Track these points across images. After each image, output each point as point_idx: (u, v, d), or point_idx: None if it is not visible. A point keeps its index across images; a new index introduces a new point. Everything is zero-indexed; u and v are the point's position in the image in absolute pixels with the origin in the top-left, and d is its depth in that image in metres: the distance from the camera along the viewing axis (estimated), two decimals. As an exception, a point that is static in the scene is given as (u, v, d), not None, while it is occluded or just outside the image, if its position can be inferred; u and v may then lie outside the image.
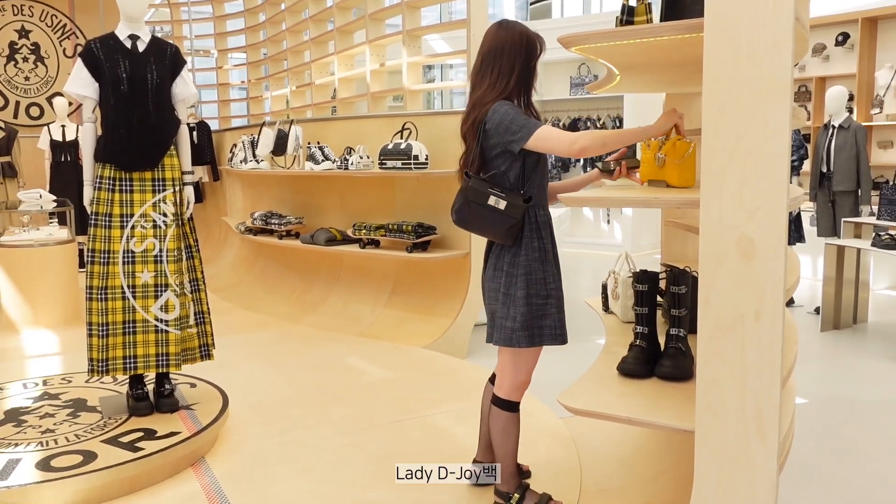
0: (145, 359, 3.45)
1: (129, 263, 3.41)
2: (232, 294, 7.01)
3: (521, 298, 2.43)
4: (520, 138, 2.37)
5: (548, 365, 4.82)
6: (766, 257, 1.77)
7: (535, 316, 2.44)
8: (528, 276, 2.44)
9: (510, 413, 2.58)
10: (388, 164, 5.27)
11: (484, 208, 2.40)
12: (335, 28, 6.93)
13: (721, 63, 1.78)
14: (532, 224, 2.46)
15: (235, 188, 8.21)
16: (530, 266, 2.44)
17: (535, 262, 2.45)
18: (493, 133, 2.43)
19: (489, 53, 2.52)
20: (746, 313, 1.80)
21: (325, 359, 4.88)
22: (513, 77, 2.47)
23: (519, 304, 2.43)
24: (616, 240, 9.88)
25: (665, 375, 2.33)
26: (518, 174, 2.46)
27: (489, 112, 2.44)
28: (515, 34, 2.49)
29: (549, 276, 2.49)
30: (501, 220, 2.40)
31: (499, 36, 2.50)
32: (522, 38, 2.48)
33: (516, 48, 2.47)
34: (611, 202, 2.23)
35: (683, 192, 2.12)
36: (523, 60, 2.48)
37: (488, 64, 2.51)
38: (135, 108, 3.40)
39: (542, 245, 2.47)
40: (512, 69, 2.47)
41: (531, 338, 2.45)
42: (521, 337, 2.44)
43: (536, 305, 2.44)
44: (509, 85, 2.47)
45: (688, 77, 2.69)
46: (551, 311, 2.47)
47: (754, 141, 1.76)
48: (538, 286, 2.45)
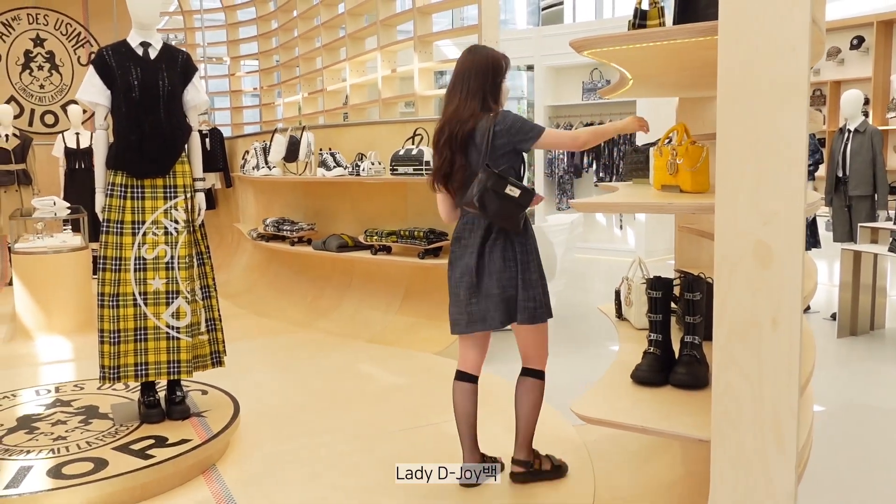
0: (156, 366, 3.44)
1: (140, 270, 3.41)
2: (244, 300, 7.01)
3: (537, 280, 2.82)
4: (531, 138, 2.78)
5: (560, 370, 4.78)
6: (783, 263, 1.73)
7: (545, 293, 2.86)
8: (537, 260, 2.85)
9: (542, 381, 2.96)
10: (400, 171, 5.26)
11: (500, 196, 2.69)
12: (347, 34, 6.94)
13: (736, 66, 1.75)
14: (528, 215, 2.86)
15: (248, 195, 8.23)
16: (536, 251, 2.86)
17: (536, 247, 2.87)
18: (503, 134, 2.77)
19: (459, 75, 2.86)
20: (763, 320, 1.76)
21: (336, 365, 4.87)
22: (485, 93, 2.82)
23: (537, 285, 2.81)
24: (629, 245, 9.83)
25: (680, 383, 2.30)
26: (517, 172, 2.83)
27: (499, 118, 2.78)
28: (480, 58, 2.85)
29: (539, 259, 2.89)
30: (515, 208, 2.72)
31: (466, 60, 2.86)
32: (488, 61, 2.84)
33: (483, 69, 2.82)
34: (623, 208, 2.21)
35: (697, 198, 2.09)
36: (491, 80, 2.83)
37: (457, 84, 2.86)
38: (146, 115, 3.40)
39: (531, 231, 2.88)
40: (480, 87, 2.81)
41: (548, 311, 2.88)
42: (543, 313, 2.85)
43: (544, 285, 2.86)
44: (485, 101, 2.82)
45: (701, 81, 2.66)
46: (547, 289, 2.89)
47: (770, 145, 1.73)
48: (541, 268, 2.87)
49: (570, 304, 6.78)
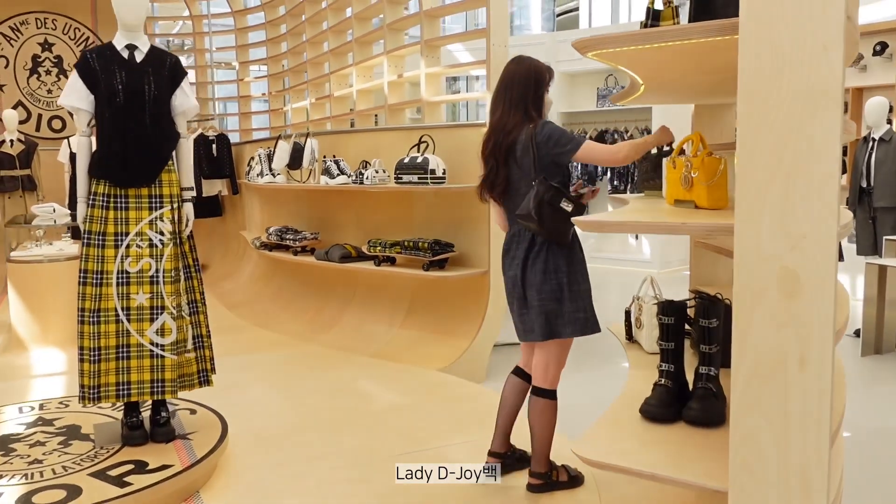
0: (139, 385, 3.26)
1: (123, 284, 3.24)
2: (247, 311, 6.84)
3: (585, 291, 2.81)
4: (569, 150, 2.73)
5: (569, 390, 4.56)
6: (813, 294, 1.52)
7: (580, 309, 2.79)
8: (571, 276, 2.78)
9: (553, 401, 2.88)
10: (404, 179, 5.07)
11: (555, 210, 2.69)
12: (354, 39, 6.76)
13: (759, 69, 1.54)
14: None
15: (254, 202, 8.07)
16: (575, 267, 2.80)
17: (580, 262, 2.84)
18: (542, 146, 2.76)
19: (502, 85, 2.89)
20: (789, 358, 1.55)
21: (335, 382, 4.67)
22: (527, 104, 2.82)
23: (585, 296, 2.80)
24: (645, 256, 9.58)
25: (693, 420, 2.08)
26: (562, 183, 2.79)
27: (538, 129, 2.77)
28: (523, 69, 2.87)
29: (584, 274, 2.85)
30: (566, 221, 2.70)
31: (510, 70, 2.90)
32: (531, 71, 2.86)
33: (525, 80, 2.85)
34: (630, 227, 2.00)
35: (714, 217, 1.87)
36: (534, 91, 2.84)
37: (502, 94, 2.88)
38: (131, 122, 3.23)
39: (580, 247, 2.85)
40: (523, 98, 2.83)
41: (583, 328, 2.79)
42: (593, 324, 2.81)
43: (581, 299, 2.80)
44: (527, 111, 2.82)
45: (719, 87, 2.44)
46: (588, 305, 2.83)
47: (799, 158, 1.51)
48: (577, 284, 2.80)
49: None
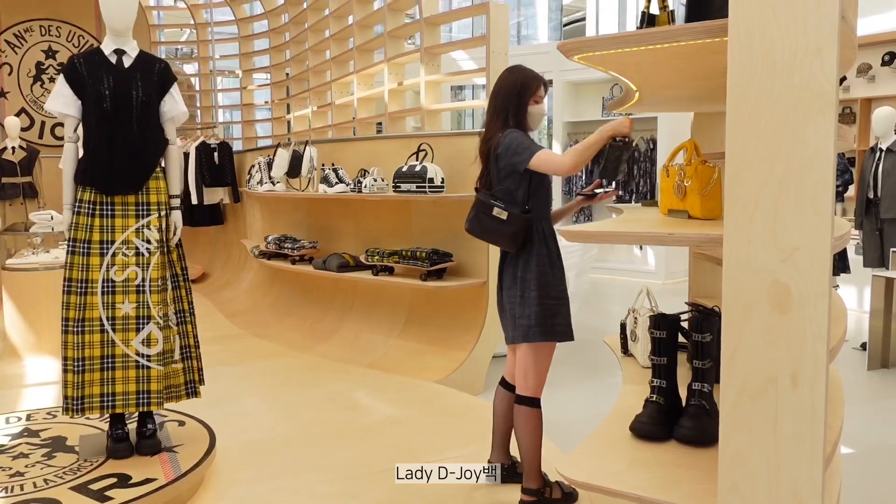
0: (124, 397, 3.19)
1: (108, 294, 3.17)
2: (245, 320, 6.77)
3: (534, 299, 2.76)
4: (524, 159, 2.74)
5: (566, 404, 4.48)
6: (806, 309, 1.44)
7: (548, 315, 2.76)
8: (540, 280, 2.76)
9: (534, 409, 2.85)
10: (403, 187, 5.00)
11: (490, 218, 2.79)
12: (355, 47, 6.72)
13: (749, 72, 1.47)
14: (540, 235, 2.80)
15: (255, 210, 8.02)
16: (541, 270, 2.77)
17: (545, 266, 2.78)
18: (503, 156, 2.80)
19: (492, 93, 2.94)
20: (780, 377, 1.47)
21: (330, 393, 4.59)
22: (508, 113, 2.85)
23: (533, 304, 2.75)
24: (650, 266, 9.49)
25: (685, 439, 2.00)
26: (525, 192, 2.81)
27: (500, 138, 2.81)
28: (512, 77, 2.89)
29: (557, 279, 2.80)
30: (504, 229, 2.77)
31: (501, 78, 2.92)
32: (517, 82, 2.87)
33: (510, 89, 2.86)
34: (616, 237, 1.92)
35: (705, 226, 1.80)
36: (516, 100, 2.85)
37: (490, 101, 2.95)
38: (118, 128, 3.17)
39: (549, 252, 2.80)
40: (505, 106, 2.86)
41: (545, 333, 2.76)
42: (535, 332, 2.76)
43: (548, 305, 2.76)
44: (507, 120, 2.85)
45: (714, 93, 2.37)
46: (562, 311, 2.80)
47: (791, 166, 1.44)
48: (549, 288, 2.77)
49: (583, 329, 6.47)
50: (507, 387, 3.10)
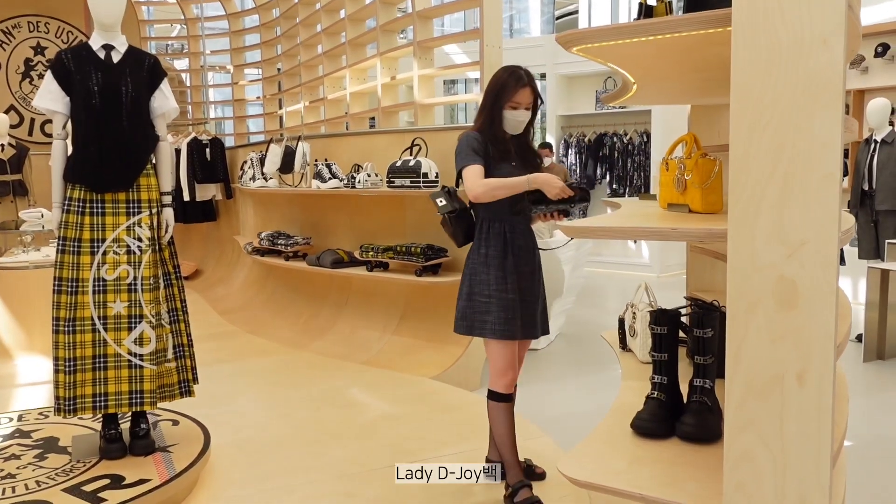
0: (117, 396, 3.15)
1: (100, 293, 3.13)
2: (239, 317, 6.73)
3: (464, 294, 2.85)
4: (457, 164, 2.80)
5: (564, 399, 4.45)
6: (812, 305, 1.41)
7: (477, 311, 2.80)
8: (472, 277, 2.83)
9: (497, 403, 2.88)
10: (397, 183, 4.96)
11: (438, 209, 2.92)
12: (347, 41, 6.66)
13: (753, 63, 1.43)
14: (482, 234, 2.84)
15: (247, 206, 7.97)
16: (474, 268, 2.83)
17: (479, 265, 2.82)
18: (455, 156, 2.83)
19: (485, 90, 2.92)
20: (787, 374, 1.44)
21: (326, 391, 4.56)
22: (484, 113, 2.84)
23: (462, 298, 2.85)
24: (644, 259, 9.47)
25: (687, 436, 1.97)
26: None
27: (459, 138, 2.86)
28: (495, 79, 2.84)
29: (493, 279, 2.79)
30: (446, 225, 2.93)
31: (492, 77, 2.88)
32: (498, 83, 2.81)
33: (491, 90, 2.83)
34: (618, 233, 1.88)
35: (707, 221, 1.76)
36: (491, 102, 2.81)
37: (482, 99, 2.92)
38: (107, 124, 3.12)
39: (487, 252, 2.81)
40: (484, 107, 2.85)
41: (469, 328, 2.83)
42: (461, 326, 2.86)
43: (479, 303, 2.80)
44: (481, 120, 2.85)
45: (713, 85, 2.34)
46: (493, 310, 2.78)
47: (797, 159, 1.41)
48: (480, 286, 2.80)
49: (578, 324, 6.45)
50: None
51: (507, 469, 2.92)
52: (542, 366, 5.24)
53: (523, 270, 2.84)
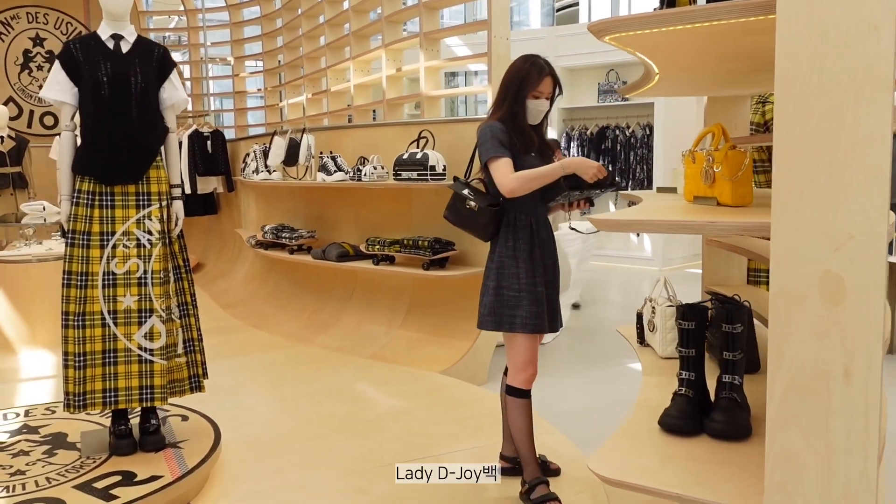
0: (127, 392, 3.11)
1: (109, 287, 3.08)
2: (242, 311, 6.69)
3: (492, 288, 2.76)
4: (482, 156, 2.76)
5: (574, 393, 4.42)
6: (859, 300, 1.37)
7: (506, 305, 2.73)
8: (500, 271, 2.75)
9: (516, 399, 2.83)
10: (403, 175, 4.92)
11: (464, 208, 2.80)
12: (351, 32, 6.60)
13: (799, 52, 1.39)
14: (509, 226, 2.77)
15: (249, 199, 7.91)
16: (502, 262, 2.76)
17: (507, 258, 2.75)
18: (477, 147, 2.80)
19: (502, 80, 2.85)
20: (832, 371, 1.41)
21: (333, 385, 4.52)
22: (505, 104, 2.78)
23: (490, 294, 2.76)
24: (646, 252, 9.44)
25: (718, 433, 1.93)
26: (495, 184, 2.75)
27: (479, 128, 2.80)
28: (515, 69, 2.79)
29: (522, 272, 2.73)
30: (475, 220, 2.79)
31: (510, 66, 2.83)
32: (520, 73, 2.76)
33: (512, 80, 2.77)
34: (652, 226, 1.84)
35: (744, 215, 1.72)
36: (515, 91, 2.76)
37: (499, 89, 2.85)
38: (116, 115, 3.08)
39: (516, 245, 2.75)
40: (505, 96, 2.79)
41: (498, 324, 2.75)
42: (488, 322, 2.77)
43: (508, 297, 2.73)
44: (502, 110, 2.79)
45: (739, 76, 2.30)
46: (524, 303, 2.72)
47: (844, 149, 1.37)
48: (510, 279, 2.73)
49: (584, 317, 6.42)
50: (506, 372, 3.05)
51: (525, 465, 2.87)
52: (549, 360, 5.20)
53: (548, 263, 2.82)
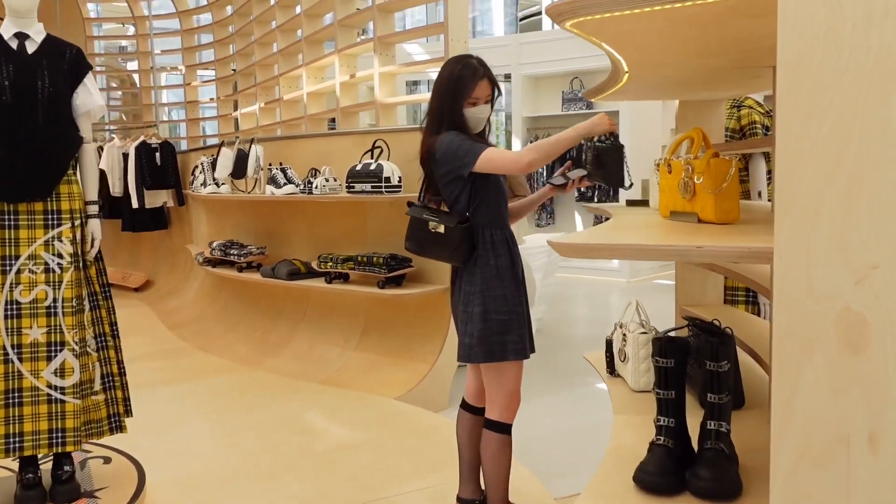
0: (34, 437, 2.75)
1: (13, 317, 2.72)
2: (190, 332, 6.30)
3: (478, 315, 2.43)
4: (467, 163, 2.38)
5: (532, 416, 4.10)
6: (888, 345, 1.09)
7: (496, 332, 2.43)
8: (485, 294, 2.44)
9: (501, 435, 2.51)
10: (357, 188, 4.60)
11: (427, 234, 2.48)
12: (303, 38, 6.28)
13: (808, 38, 1.11)
14: (486, 243, 2.46)
15: (200, 214, 7.52)
16: (487, 284, 2.44)
17: (491, 279, 2.44)
18: (442, 162, 2.43)
19: (433, 88, 2.52)
20: (854, 435, 1.12)
21: (280, 415, 4.17)
22: (443, 115, 2.44)
23: (476, 321, 2.43)
24: (613, 264, 9.20)
25: (704, 492, 1.64)
26: (468, 197, 2.46)
27: (437, 143, 2.43)
28: (447, 74, 2.45)
29: (509, 292, 2.45)
30: (445, 243, 2.46)
31: (441, 71, 2.48)
32: (451, 79, 2.43)
33: (446, 88, 2.44)
34: (627, 252, 1.55)
35: (735, 236, 1.44)
36: (450, 102, 2.42)
37: (431, 97, 2.52)
38: (20, 123, 2.72)
39: (497, 263, 2.45)
40: (440, 108, 2.45)
41: (490, 353, 2.43)
42: (478, 353, 2.44)
43: (496, 321, 2.43)
44: (441, 123, 2.44)
45: (721, 75, 2.02)
46: (513, 328, 2.44)
47: (866, 155, 1.09)
48: (497, 302, 2.43)
49: (548, 334, 6.13)
50: (469, 409, 2.73)
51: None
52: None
53: (522, 279, 2.54)
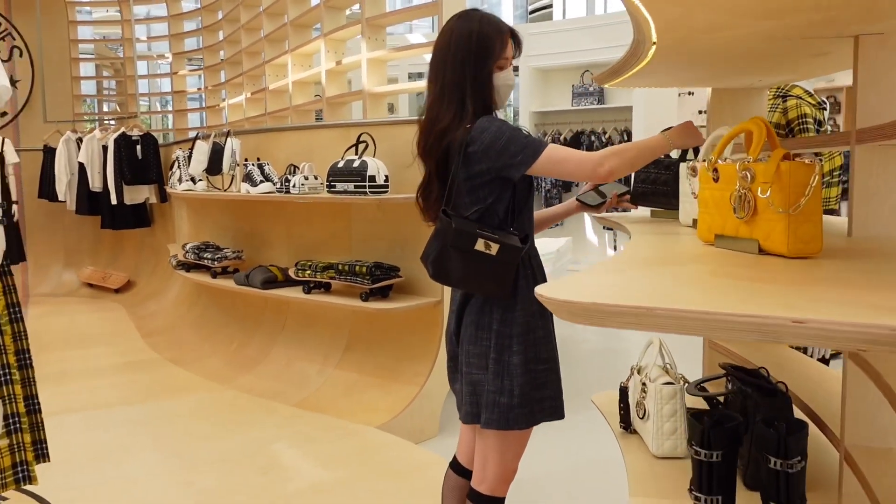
0: (-86, 493, 2.24)
1: None
2: (163, 341, 5.79)
3: (518, 366, 1.88)
4: (521, 161, 1.83)
5: (533, 452, 3.57)
6: None
7: (535, 387, 1.90)
8: (527, 336, 1.90)
9: None
10: (338, 187, 4.08)
11: (469, 254, 1.83)
12: (289, 21, 5.75)
13: None
14: (527, 269, 1.93)
15: (182, 211, 7.01)
16: (529, 323, 1.90)
17: (534, 317, 1.90)
18: (481, 157, 1.85)
19: (437, 58, 1.96)
20: None
21: (246, 446, 3.66)
22: (465, 90, 1.89)
23: (517, 374, 1.88)
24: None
25: None
26: (507, 207, 1.90)
27: (473, 133, 1.85)
28: (462, 33, 1.90)
29: (548, 333, 1.95)
30: (493, 269, 1.84)
31: (448, 31, 1.93)
32: (471, 37, 1.90)
33: (462, 53, 1.89)
34: (652, 322, 1.00)
35: (854, 298, 0.91)
36: (473, 67, 1.89)
37: (436, 72, 1.95)
38: None
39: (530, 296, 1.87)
40: (461, 80, 1.89)
41: (530, 415, 1.91)
42: (518, 416, 1.89)
43: (538, 372, 1.91)
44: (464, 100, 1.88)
45: (775, 48, 1.49)
46: (551, 378, 1.95)
47: None
48: (538, 347, 1.91)
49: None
50: (459, 471, 2.23)
51: None
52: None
53: None
